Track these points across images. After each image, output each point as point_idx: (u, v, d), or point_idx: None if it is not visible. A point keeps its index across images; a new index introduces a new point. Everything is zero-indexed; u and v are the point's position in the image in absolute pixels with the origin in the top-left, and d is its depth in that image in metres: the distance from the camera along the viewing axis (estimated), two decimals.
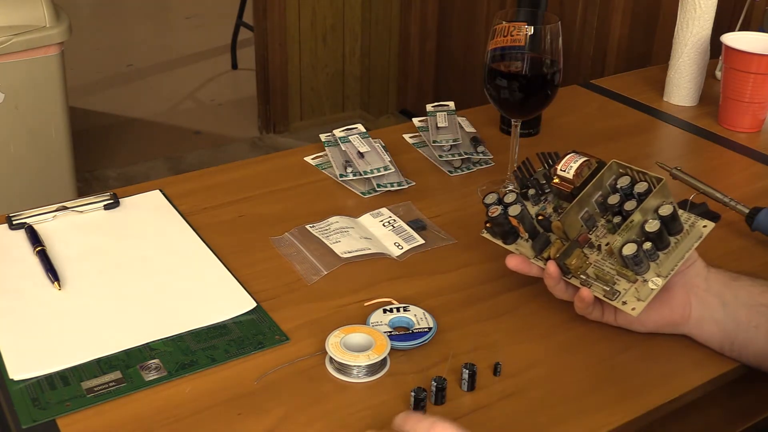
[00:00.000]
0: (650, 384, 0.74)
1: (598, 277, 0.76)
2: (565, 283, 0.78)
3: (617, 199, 0.77)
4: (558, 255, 0.76)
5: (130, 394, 0.71)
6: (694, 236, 0.76)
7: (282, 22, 3.02)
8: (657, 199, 0.76)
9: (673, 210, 0.75)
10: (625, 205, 0.76)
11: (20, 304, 0.82)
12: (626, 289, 0.75)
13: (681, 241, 0.76)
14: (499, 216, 0.79)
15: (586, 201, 0.78)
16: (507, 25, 0.94)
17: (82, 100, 3.40)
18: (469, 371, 0.72)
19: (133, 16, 4.74)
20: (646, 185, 0.76)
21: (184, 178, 1.09)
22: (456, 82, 2.85)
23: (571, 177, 0.80)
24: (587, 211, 0.78)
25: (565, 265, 0.76)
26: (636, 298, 0.74)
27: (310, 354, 0.76)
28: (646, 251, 0.74)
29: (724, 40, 1.24)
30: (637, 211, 0.75)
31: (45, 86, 2.10)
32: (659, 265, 0.75)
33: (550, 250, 0.78)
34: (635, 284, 0.74)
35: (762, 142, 1.23)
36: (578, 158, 0.81)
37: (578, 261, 0.76)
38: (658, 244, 0.74)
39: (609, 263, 0.76)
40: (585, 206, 0.78)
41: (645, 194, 0.76)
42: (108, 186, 2.73)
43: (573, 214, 0.78)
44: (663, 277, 0.74)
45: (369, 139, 1.10)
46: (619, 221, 0.76)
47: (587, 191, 0.78)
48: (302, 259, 0.90)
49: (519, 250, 0.81)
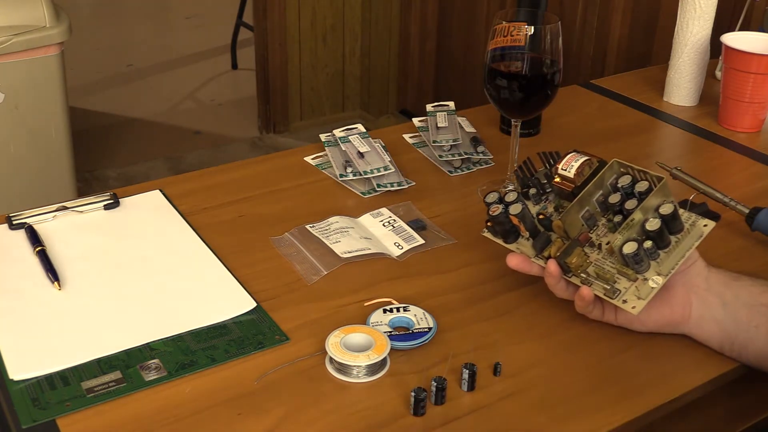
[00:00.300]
0: (650, 384, 0.74)
1: (598, 275, 0.76)
2: (565, 282, 0.78)
3: (618, 198, 0.77)
4: (558, 254, 0.76)
5: (130, 394, 0.71)
6: (695, 235, 0.76)
7: (282, 22, 3.03)
8: (658, 198, 0.76)
9: (674, 209, 0.75)
10: (626, 204, 0.76)
11: (20, 304, 0.82)
12: (627, 288, 0.75)
13: (681, 240, 0.76)
14: (500, 215, 0.79)
15: (587, 200, 0.78)
16: (507, 25, 0.94)
17: (82, 100, 3.40)
18: (469, 371, 0.72)
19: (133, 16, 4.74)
20: (647, 184, 0.76)
21: (184, 178, 1.09)
22: (456, 82, 2.85)
23: (572, 176, 0.80)
24: (588, 210, 0.78)
25: (565, 263, 0.76)
26: (636, 297, 0.74)
27: (310, 354, 0.76)
28: (646, 250, 0.74)
29: (724, 40, 1.24)
30: (637, 209, 0.75)
31: (45, 86, 2.10)
32: (660, 264, 0.75)
33: (550, 249, 0.78)
34: (636, 283, 0.74)
35: (762, 142, 1.23)
36: (579, 157, 0.81)
37: (579, 260, 0.76)
38: (658, 242, 0.75)
39: (609, 262, 0.76)
40: (586, 205, 0.78)
41: (646, 193, 0.76)
42: (108, 186, 2.73)
43: (574, 213, 0.78)
44: (663, 276, 0.74)
45: (369, 139, 1.10)
46: (620, 220, 0.76)
47: (588, 190, 0.78)
48: (302, 259, 0.90)
49: (520, 249, 0.81)
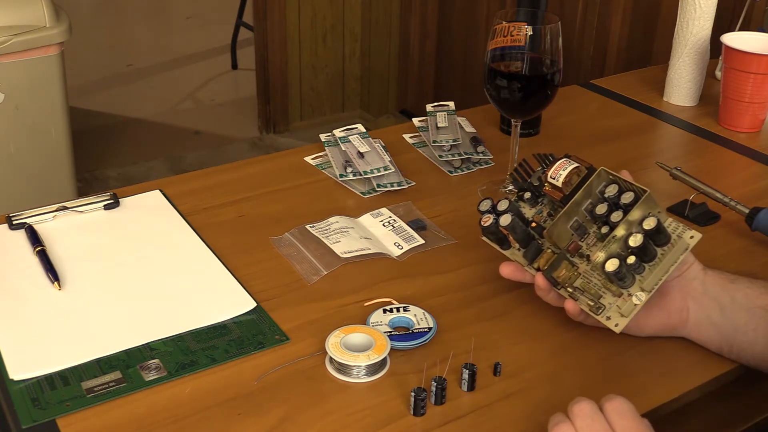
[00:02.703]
0: (650, 384, 0.75)
1: (584, 290, 0.76)
2: (556, 293, 0.78)
3: (605, 208, 0.76)
4: (546, 267, 0.76)
5: (130, 394, 0.71)
6: (681, 248, 0.74)
7: (282, 22, 3.03)
8: (642, 211, 0.74)
9: (657, 223, 0.73)
10: (611, 216, 0.75)
11: (20, 304, 0.82)
12: (611, 303, 0.74)
13: (668, 253, 0.74)
14: (490, 225, 0.79)
15: (575, 210, 0.78)
16: (507, 25, 0.94)
17: (82, 100, 3.40)
18: (469, 371, 0.72)
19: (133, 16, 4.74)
20: (631, 195, 0.75)
21: (184, 178, 1.09)
22: (456, 82, 2.85)
23: (560, 185, 0.79)
24: (576, 219, 0.78)
25: (552, 278, 0.76)
26: (619, 314, 0.74)
27: (310, 354, 0.76)
28: (630, 266, 0.73)
29: (724, 40, 1.24)
30: (620, 224, 0.74)
31: (45, 86, 2.10)
32: (644, 279, 0.74)
33: (539, 261, 0.78)
34: (619, 299, 0.74)
35: (762, 142, 1.23)
36: (568, 165, 0.79)
37: (567, 272, 0.76)
38: (642, 257, 0.73)
39: (597, 275, 0.76)
40: (574, 215, 0.78)
41: (631, 205, 0.74)
42: (108, 186, 2.73)
43: (561, 225, 0.77)
44: (647, 292, 0.73)
45: (369, 139, 1.10)
46: (607, 231, 0.76)
47: (576, 200, 0.77)
48: (302, 259, 0.90)
49: (513, 256, 0.81)
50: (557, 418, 0.64)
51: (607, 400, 0.63)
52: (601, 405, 0.63)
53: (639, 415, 0.63)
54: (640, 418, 0.62)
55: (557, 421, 0.63)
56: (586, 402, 0.63)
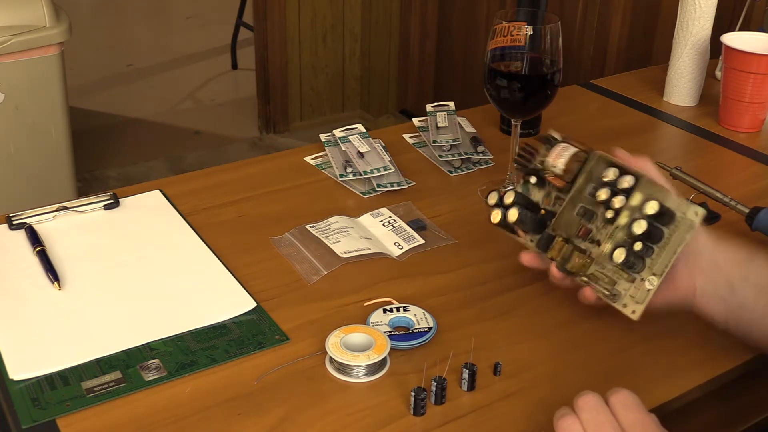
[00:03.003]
0: (650, 383, 0.74)
1: (598, 278, 0.76)
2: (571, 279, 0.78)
3: (606, 194, 0.76)
4: (559, 260, 0.76)
5: (130, 394, 0.71)
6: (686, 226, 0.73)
7: (282, 22, 3.03)
8: (642, 194, 0.74)
9: (660, 206, 0.73)
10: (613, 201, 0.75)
11: (20, 304, 0.82)
12: (626, 290, 0.74)
13: (674, 233, 0.74)
14: (500, 221, 0.79)
15: (579, 197, 0.78)
16: (507, 25, 0.94)
17: (82, 100, 3.40)
18: (469, 371, 0.72)
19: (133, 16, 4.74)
20: (631, 178, 0.75)
21: (184, 178, 1.09)
22: (456, 82, 2.85)
23: (561, 173, 0.79)
24: (582, 206, 0.78)
25: (566, 270, 0.76)
26: (634, 301, 0.74)
27: (310, 354, 0.76)
28: (637, 252, 0.73)
29: (724, 40, 1.24)
30: (624, 210, 0.74)
31: (45, 86, 2.10)
32: (654, 261, 0.74)
33: (552, 251, 0.78)
34: (633, 284, 0.74)
35: (762, 142, 1.23)
36: (565, 152, 0.79)
37: (579, 260, 0.76)
38: (649, 241, 0.74)
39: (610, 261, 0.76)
40: (579, 202, 0.78)
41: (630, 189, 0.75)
42: (108, 186, 2.73)
43: (567, 213, 0.78)
44: (658, 276, 0.73)
45: (369, 139, 1.10)
46: (612, 216, 0.76)
47: (578, 187, 0.78)
48: (302, 259, 0.90)
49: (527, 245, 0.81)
50: (562, 410, 0.64)
51: (613, 393, 0.63)
52: (606, 398, 0.63)
53: (645, 409, 0.62)
54: (647, 412, 0.62)
55: (562, 413, 0.63)
56: (592, 395, 0.63)
